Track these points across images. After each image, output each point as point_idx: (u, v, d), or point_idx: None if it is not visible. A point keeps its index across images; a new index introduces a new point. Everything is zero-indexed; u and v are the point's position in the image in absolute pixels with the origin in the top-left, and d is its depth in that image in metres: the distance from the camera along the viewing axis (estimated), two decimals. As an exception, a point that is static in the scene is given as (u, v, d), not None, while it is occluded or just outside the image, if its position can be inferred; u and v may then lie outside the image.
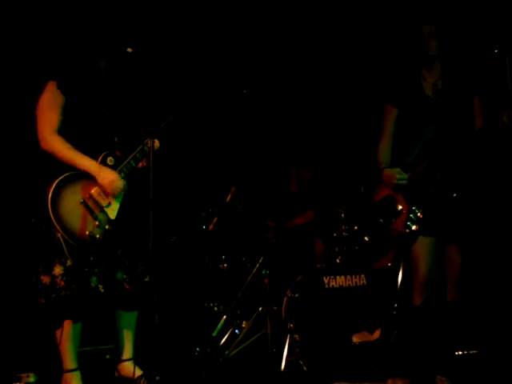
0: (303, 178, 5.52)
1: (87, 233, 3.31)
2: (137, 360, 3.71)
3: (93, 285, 3.38)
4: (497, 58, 3.17)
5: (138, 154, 3.53)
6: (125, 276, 3.51)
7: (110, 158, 3.48)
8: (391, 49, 4.97)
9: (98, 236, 3.34)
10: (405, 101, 3.49)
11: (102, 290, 3.40)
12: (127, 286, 3.52)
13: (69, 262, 3.30)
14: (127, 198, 3.52)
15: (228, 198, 5.10)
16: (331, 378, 3.85)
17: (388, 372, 3.86)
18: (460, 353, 4.04)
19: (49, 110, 3.37)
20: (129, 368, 3.62)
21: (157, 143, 3.59)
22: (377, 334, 4.36)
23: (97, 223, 3.35)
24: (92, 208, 3.36)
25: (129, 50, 3.37)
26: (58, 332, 3.39)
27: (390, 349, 4.25)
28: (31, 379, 3.82)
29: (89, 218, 3.34)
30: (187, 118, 3.70)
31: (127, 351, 3.70)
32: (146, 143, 3.46)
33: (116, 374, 3.69)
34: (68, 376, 3.43)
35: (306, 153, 5.68)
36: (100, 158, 3.44)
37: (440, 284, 3.38)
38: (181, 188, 5.43)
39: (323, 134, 5.88)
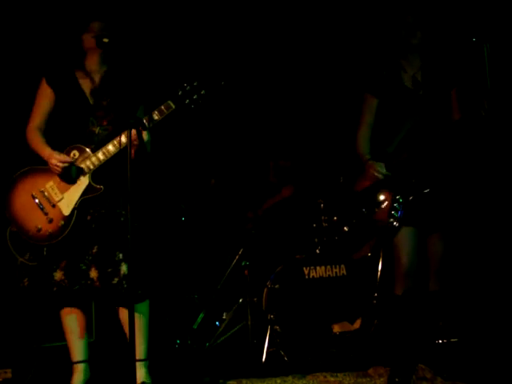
0: (283, 167, 5.49)
1: (36, 228, 3.26)
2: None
3: (57, 278, 3.29)
4: (475, 47, 3.17)
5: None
6: (98, 274, 3.29)
7: (74, 151, 3.42)
8: (371, 39, 4.96)
9: (50, 231, 3.27)
10: (385, 91, 3.49)
11: (68, 285, 3.27)
12: (98, 284, 3.29)
13: (20, 258, 3.30)
14: (102, 194, 3.41)
15: (207, 191, 5.08)
16: (312, 369, 3.86)
17: (369, 361, 3.88)
18: (441, 341, 4.08)
19: (36, 106, 3.45)
20: (138, 371, 3.19)
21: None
22: (357, 324, 4.37)
23: (48, 218, 3.31)
24: (41, 203, 3.30)
25: (105, 40, 3.32)
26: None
27: (371, 338, 4.27)
28: (9, 375, 3.78)
29: (39, 212, 3.29)
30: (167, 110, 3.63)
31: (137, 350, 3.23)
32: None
33: None
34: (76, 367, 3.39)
35: (284, 144, 5.66)
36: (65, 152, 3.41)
37: (422, 274, 3.39)
38: (160, 181, 5.38)
39: (301, 125, 5.87)
